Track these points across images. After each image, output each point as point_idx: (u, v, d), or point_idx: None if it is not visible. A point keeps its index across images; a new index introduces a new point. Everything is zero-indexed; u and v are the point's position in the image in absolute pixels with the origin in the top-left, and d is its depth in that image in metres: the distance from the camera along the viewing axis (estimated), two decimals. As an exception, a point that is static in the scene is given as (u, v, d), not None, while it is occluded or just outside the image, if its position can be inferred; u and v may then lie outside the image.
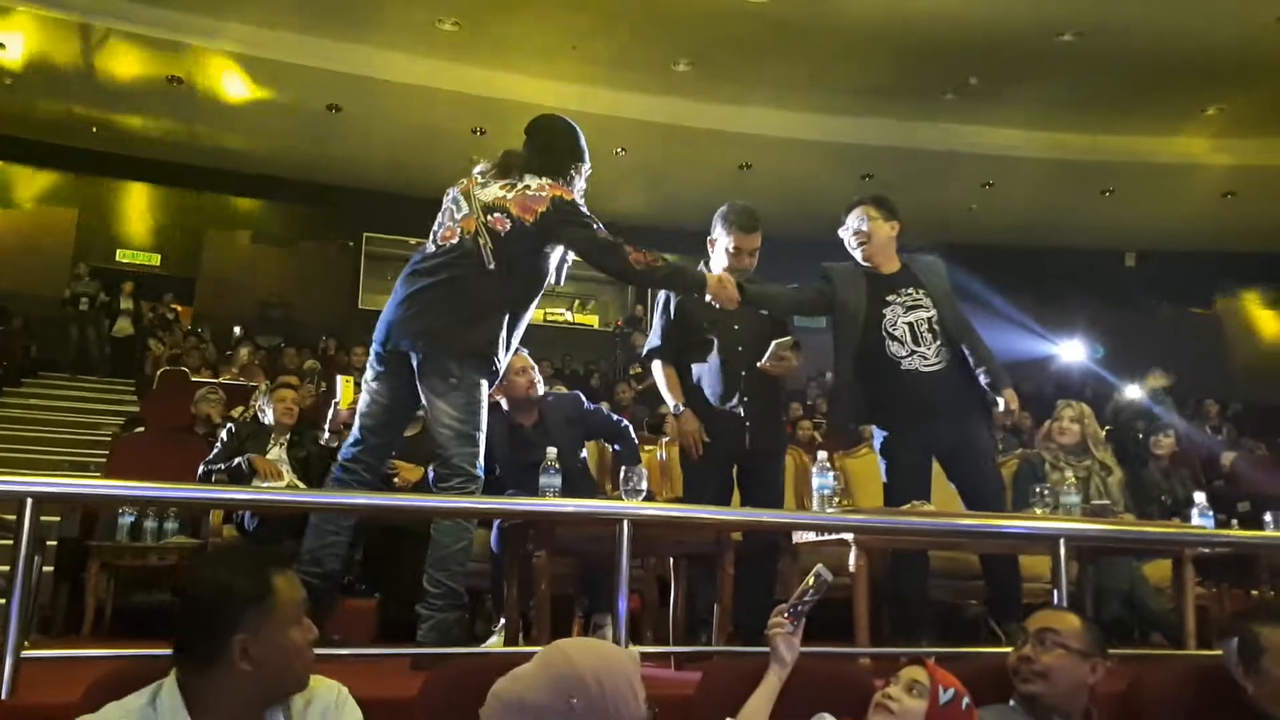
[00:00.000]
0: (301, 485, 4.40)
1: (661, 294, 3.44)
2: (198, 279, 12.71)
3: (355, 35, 10.11)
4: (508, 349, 2.88)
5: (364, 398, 2.90)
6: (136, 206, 12.93)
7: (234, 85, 10.78)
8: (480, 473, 2.76)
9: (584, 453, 3.96)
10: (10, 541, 3.02)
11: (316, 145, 12.06)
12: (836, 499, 2.93)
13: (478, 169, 2.99)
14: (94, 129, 11.74)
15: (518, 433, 3.63)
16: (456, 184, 2.99)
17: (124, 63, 10.39)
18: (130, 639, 3.99)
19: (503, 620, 3.04)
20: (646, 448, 5.02)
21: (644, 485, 2.76)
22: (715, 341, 3.33)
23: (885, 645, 2.99)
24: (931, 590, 3.45)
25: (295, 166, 12.39)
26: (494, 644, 3.10)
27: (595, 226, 2.86)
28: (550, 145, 3.03)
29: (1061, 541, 2.75)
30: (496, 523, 3.31)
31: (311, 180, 12.66)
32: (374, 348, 2.86)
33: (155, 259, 12.90)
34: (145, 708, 1.48)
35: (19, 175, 12.35)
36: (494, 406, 3.36)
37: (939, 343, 3.28)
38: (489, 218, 2.82)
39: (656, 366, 3.43)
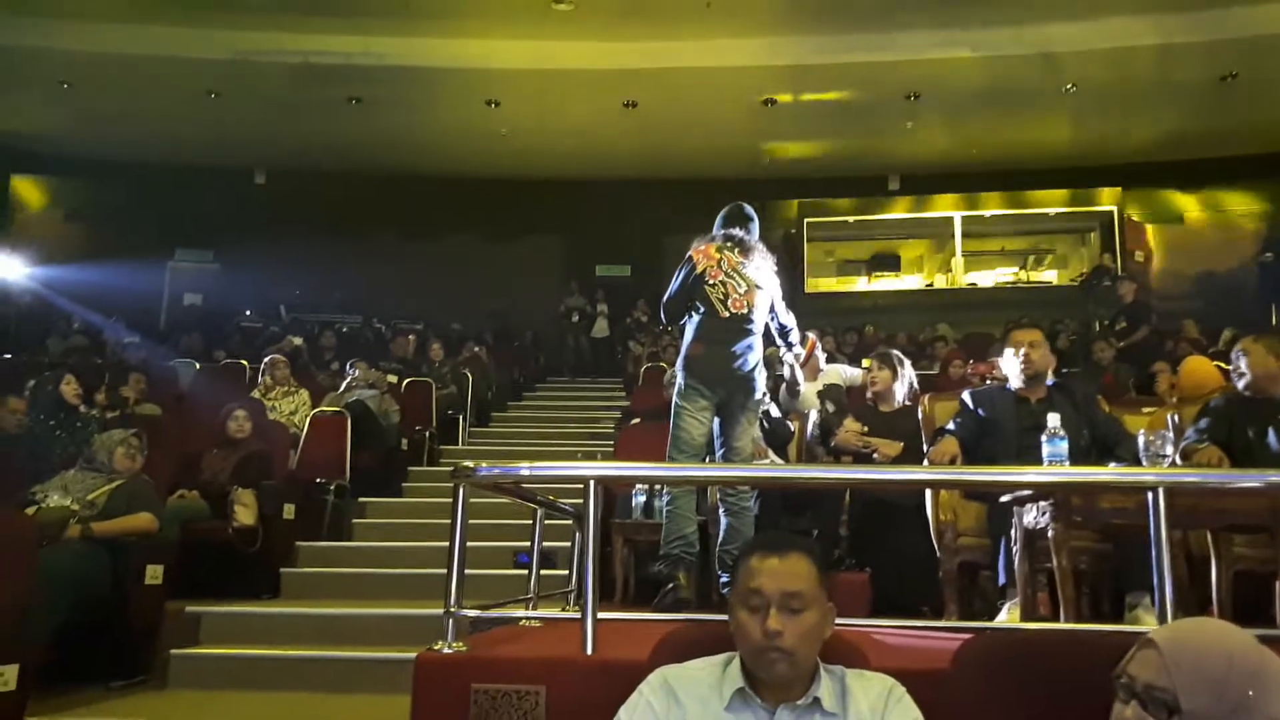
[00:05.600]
0: (780, 461, 4.61)
1: None
2: (661, 284, 13.89)
3: (786, 26, 10.37)
4: None
5: (696, 422, 3.76)
6: (608, 224, 14.54)
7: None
8: None
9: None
10: (561, 521, 3.59)
11: (760, 138, 12.60)
12: None
13: (717, 242, 4.01)
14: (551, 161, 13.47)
15: (1023, 406, 3.46)
16: (708, 253, 3.98)
17: (577, 102, 11.74)
18: (651, 605, 4.43)
19: (1015, 597, 2.91)
20: (1146, 410, 4.53)
21: (1169, 450, 2.49)
22: None
23: None
24: None
25: (725, 166, 12.98)
26: (1005, 619, 2.98)
27: None
28: (754, 226, 4.10)
29: None
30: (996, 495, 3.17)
31: (751, 178, 13.22)
32: (703, 387, 3.80)
33: (626, 270, 14.40)
34: (719, 668, 1.66)
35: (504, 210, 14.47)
36: (1003, 387, 3.57)
37: None
38: (758, 295, 3.92)
39: None
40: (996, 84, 10.97)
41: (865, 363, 5.22)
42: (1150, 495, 2.11)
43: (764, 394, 3.95)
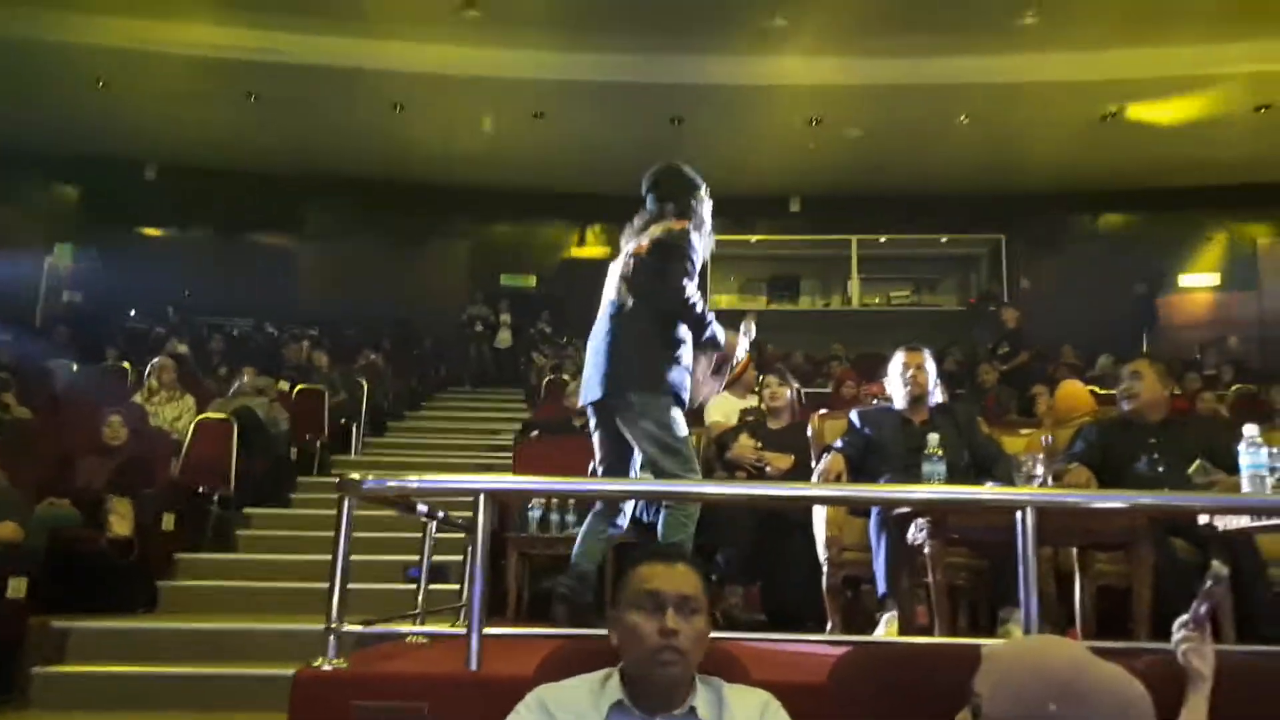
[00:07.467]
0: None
1: None
2: (567, 296, 13.87)
3: (695, 45, 10.52)
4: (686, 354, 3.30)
5: (595, 444, 3.37)
6: (515, 234, 14.47)
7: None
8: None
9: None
10: (454, 535, 3.55)
11: (667, 157, 12.68)
12: (1274, 479, 2.57)
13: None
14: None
15: (908, 426, 3.58)
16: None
17: (485, 110, 11.66)
18: (544, 620, 4.42)
19: (893, 611, 3.01)
20: (1023, 432, 4.74)
21: (1040, 470, 2.61)
22: None
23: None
24: None
25: (636, 183, 13.04)
26: (884, 634, 3.07)
27: (691, 264, 3.24)
28: (666, 191, 3.48)
29: None
30: (875, 511, 3.27)
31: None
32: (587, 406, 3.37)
33: (532, 280, 14.34)
34: (598, 684, 1.67)
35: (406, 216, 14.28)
36: (890, 407, 3.61)
37: None
38: (615, 276, 3.37)
39: None
40: (894, 112, 11.36)
41: (764, 379, 5.32)
42: (1020, 514, 2.21)
43: (640, 393, 3.18)
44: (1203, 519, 2.78)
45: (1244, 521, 2.66)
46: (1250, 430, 2.63)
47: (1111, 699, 1.32)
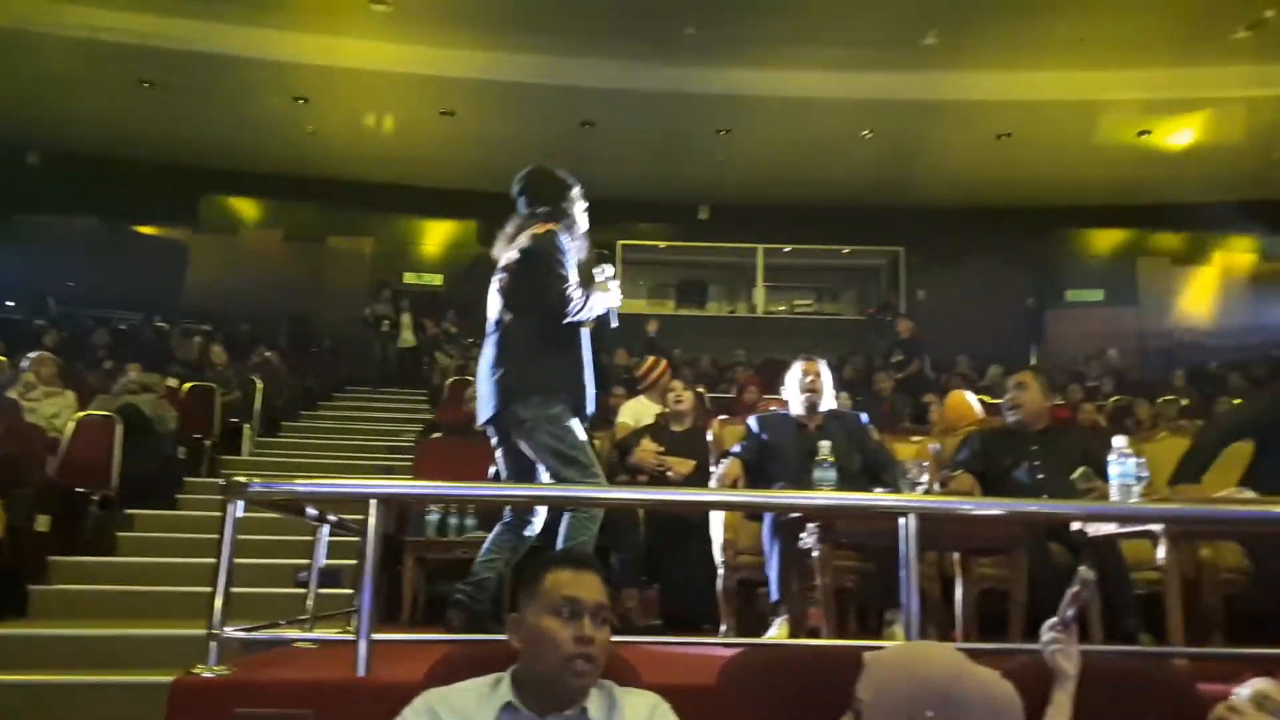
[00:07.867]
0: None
1: None
2: (474, 295, 13.72)
3: (607, 50, 10.56)
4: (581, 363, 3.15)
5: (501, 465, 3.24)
6: (422, 232, 14.24)
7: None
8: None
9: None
10: (348, 538, 3.47)
11: (577, 160, 12.68)
12: (1139, 487, 2.71)
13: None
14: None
15: (803, 432, 3.65)
16: None
17: (392, 106, 11.44)
18: (439, 625, 4.35)
19: (784, 614, 3.07)
20: (914, 439, 4.89)
21: (924, 478, 2.71)
22: None
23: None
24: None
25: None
26: (775, 636, 3.13)
27: (562, 266, 3.09)
28: (536, 193, 3.37)
29: None
30: (768, 517, 3.33)
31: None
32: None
33: (439, 279, 14.14)
34: (487, 688, 1.66)
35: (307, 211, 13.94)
36: (786, 414, 3.68)
37: None
38: (498, 281, 3.23)
39: None
40: (800, 125, 11.60)
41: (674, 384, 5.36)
42: (903, 520, 2.29)
43: (530, 407, 3.05)
44: (1075, 525, 2.92)
45: (1111, 528, 2.79)
46: (1119, 441, 2.77)
47: (985, 704, 1.39)
